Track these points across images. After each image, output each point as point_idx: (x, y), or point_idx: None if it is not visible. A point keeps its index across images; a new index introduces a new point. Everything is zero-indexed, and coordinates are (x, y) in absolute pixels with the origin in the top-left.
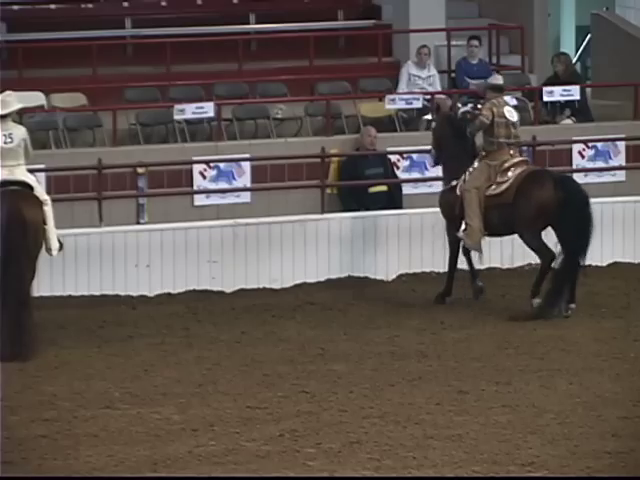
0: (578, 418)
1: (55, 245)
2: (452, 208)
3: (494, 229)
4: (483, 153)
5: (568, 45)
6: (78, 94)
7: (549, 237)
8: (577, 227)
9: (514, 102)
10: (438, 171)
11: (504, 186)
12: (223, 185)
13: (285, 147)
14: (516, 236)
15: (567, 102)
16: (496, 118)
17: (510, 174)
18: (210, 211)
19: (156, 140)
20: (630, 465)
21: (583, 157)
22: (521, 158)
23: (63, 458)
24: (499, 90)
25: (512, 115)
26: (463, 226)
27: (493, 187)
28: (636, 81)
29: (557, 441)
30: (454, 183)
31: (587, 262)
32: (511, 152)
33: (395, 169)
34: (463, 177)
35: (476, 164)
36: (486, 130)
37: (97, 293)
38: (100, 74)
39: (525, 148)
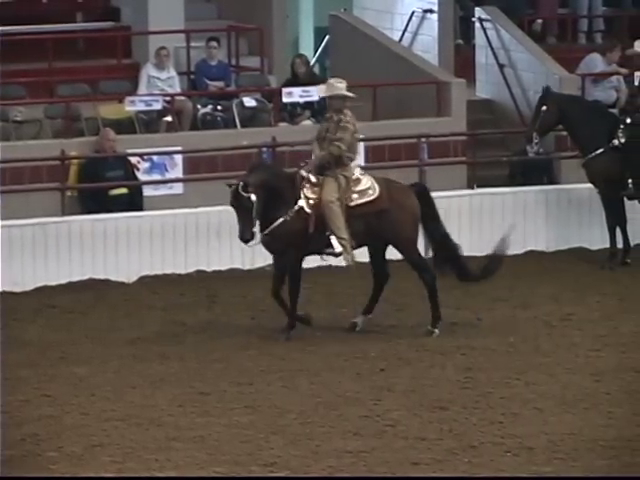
0: (319, 418)
1: None
2: (300, 232)
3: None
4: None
5: (307, 46)
6: None
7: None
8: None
9: (253, 103)
10: (178, 172)
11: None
12: None
13: (25, 149)
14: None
15: (307, 103)
16: (356, 134)
17: (366, 181)
18: None
19: None
20: (371, 464)
21: None
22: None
23: None
24: (342, 99)
25: None
26: (335, 242)
27: (355, 196)
28: (374, 82)
29: (299, 441)
30: (296, 208)
31: (326, 262)
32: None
33: (135, 171)
34: (305, 195)
35: (313, 178)
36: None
37: None
38: None
39: (265, 149)
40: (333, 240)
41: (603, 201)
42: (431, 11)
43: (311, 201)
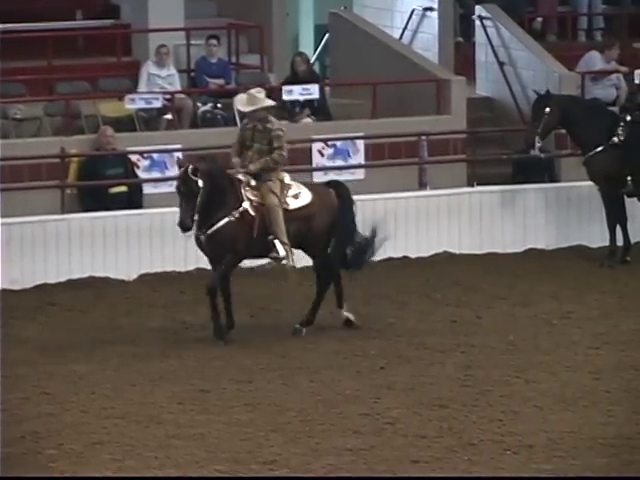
0: (319, 415)
1: None
2: (244, 235)
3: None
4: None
5: (307, 44)
6: None
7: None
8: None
9: None
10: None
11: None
12: None
13: (24, 147)
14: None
15: (306, 101)
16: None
17: (295, 186)
18: None
19: None
20: (371, 462)
21: (323, 155)
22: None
23: None
24: (266, 109)
25: None
26: (280, 246)
27: (291, 200)
28: (374, 80)
29: (299, 439)
30: (240, 209)
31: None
32: None
33: (135, 169)
34: (248, 198)
35: (252, 182)
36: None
37: None
38: None
39: None
40: (277, 244)
41: (603, 199)
42: (431, 9)
43: (254, 204)
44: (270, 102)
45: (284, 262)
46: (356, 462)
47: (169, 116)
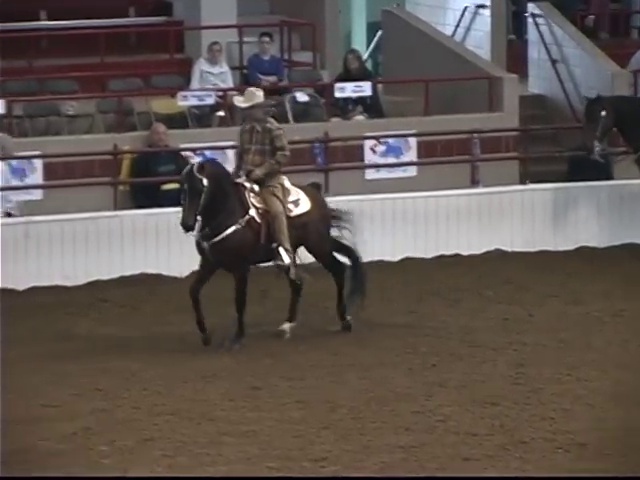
0: (371, 413)
1: None
2: (251, 243)
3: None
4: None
5: (359, 41)
6: None
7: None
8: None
9: (305, 98)
10: (230, 167)
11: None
12: (15, 182)
13: (77, 144)
14: None
15: (359, 98)
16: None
17: (294, 191)
18: None
19: None
20: (422, 459)
21: (375, 153)
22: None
23: None
24: (263, 108)
25: None
26: (284, 254)
27: (291, 206)
28: (426, 77)
29: (350, 436)
30: (247, 217)
31: (379, 257)
32: None
33: None
34: (254, 204)
35: (256, 188)
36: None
37: None
38: None
39: (317, 144)
40: (282, 252)
41: None
42: (484, 6)
43: (260, 211)
44: (268, 100)
45: (288, 270)
46: (407, 460)
47: (221, 113)
